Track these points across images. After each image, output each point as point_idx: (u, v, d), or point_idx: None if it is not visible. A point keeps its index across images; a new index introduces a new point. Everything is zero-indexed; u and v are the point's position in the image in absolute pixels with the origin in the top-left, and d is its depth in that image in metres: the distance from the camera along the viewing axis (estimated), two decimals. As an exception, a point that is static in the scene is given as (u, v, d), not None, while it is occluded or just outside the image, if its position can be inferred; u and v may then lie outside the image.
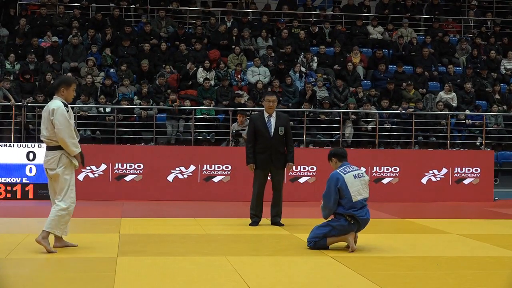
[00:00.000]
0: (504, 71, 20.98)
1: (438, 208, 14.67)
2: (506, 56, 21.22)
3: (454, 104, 18.62)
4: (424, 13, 23.54)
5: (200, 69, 18.88)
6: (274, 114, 10.89)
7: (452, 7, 24.17)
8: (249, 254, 8.41)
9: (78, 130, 16.44)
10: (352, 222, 8.44)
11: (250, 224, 10.86)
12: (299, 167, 15.33)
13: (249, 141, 11.02)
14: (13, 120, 16.21)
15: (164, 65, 18.99)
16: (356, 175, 8.54)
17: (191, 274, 7.03)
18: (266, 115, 10.90)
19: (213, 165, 15.34)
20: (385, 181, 15.80)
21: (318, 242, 8.61)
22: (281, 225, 10.86)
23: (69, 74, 17.85)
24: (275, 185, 10.99)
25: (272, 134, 10.80)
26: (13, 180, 14.70)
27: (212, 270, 7.30)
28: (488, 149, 17.50)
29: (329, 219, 8.68)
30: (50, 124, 8.10)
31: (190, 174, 15.26)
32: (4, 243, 8.81)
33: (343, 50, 20.83)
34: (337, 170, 8.62)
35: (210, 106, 17.46)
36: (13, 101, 16.32)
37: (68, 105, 8.24)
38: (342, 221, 8.46)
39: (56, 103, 8.15)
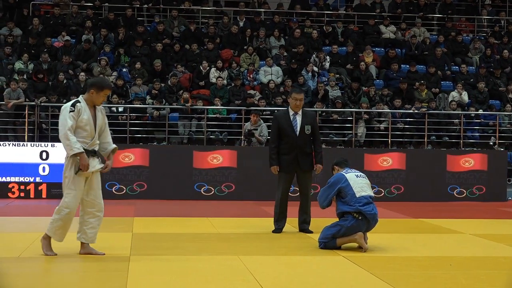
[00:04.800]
0: (517, 71, 20.90)
1: (451, 208, 14.61)
2: (519, 55, 21.16)
3: (465, 98, 18.59)
4: (437, 12, 23.48)
5: (213, 69, 18.90)
6: (300, 112, 10.09)
7: (465, 6, 24.10)
8: (261, 253, 8.41)
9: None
10: (360, 218, 8.45)
11: (273, 231, 10.13)
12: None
13: (272, 141, 10.19)
14: (26, 120, 16.29)
15: (176, 65, 19.03)
16: (358, 175, 8.73)
17: (203, 274, 7.03)
18: (291, 112, 10.11)
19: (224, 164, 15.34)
20: (397, 180, 15.74)
21: (327, 243, 8.61)
22: (310, 232, 10.02)
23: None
24: (302, 189, 10.20)
25: (298, 133, 10.00)
26: (27, 179, 14.76)
27: (225, 269, 7.30)
28: (502, 149, 17.43)
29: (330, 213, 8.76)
30: None
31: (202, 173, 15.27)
32: (17, 242, 8.86)
33: (356, 50, 20.81)
34: (341, 172, 8.84)
35: (219, 105, 17.47)
36: (21, 99, 16.44)
37: (81, 104, 7.70)
38: (350, 219, 8.48)
39: (68, 103, 7.86)
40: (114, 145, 8.09)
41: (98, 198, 7.96)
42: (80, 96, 7.91)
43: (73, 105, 7.71)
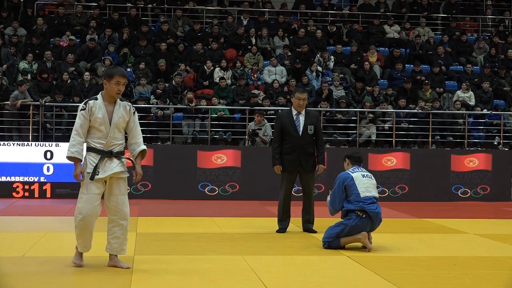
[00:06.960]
0: (522, 70, 20.87)
1: (455, 208, 14.61)
2: (524, 55, 21.11)
3: (472, 103, 18.54)
4: (441, 12, 23.45)
5: (217, 69, 18.91)
6: (303, 112, 10.08)
7: (470, 6, 24.06)
8: (265, 253, 8.41)
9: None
10: (364, 216, 8.44)
11: (277, 231, 10.11)
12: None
13: (275, 141, 10.19)
14: (31, 119, 16.31)
15: (180, 64, 19.05)
16: (365, 175, 8.69)
17: (207, 273, 7.04)
18: (294, 112, 10.10)
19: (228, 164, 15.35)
20: (401, 180, 15.73)
21: (331, 243, 8.61)
22: (314, 232, 10.01)
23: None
24: (305, 189, 10.20)
25: (300, 133, 10.00)
26: (31, 179, 14.78)
27: (229, 269, 7.30)
28: (506, 149, 17.41)
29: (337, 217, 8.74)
30: None
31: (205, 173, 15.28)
32: (21, 241, 8.87)
33: (360, 49, 20.80)
34: (347, 171, 8.79)
35: (219, 105, 17.49)
36: (28, 99, 16.46)
37: (96, 101, 7.06)
38: (354, 218, 8.47)
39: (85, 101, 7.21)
40: (143, 146, 7.23)
41: (121, 204, 7.17)
42: (100, 92, 7.21)
43: (86, 102, 7.09)
